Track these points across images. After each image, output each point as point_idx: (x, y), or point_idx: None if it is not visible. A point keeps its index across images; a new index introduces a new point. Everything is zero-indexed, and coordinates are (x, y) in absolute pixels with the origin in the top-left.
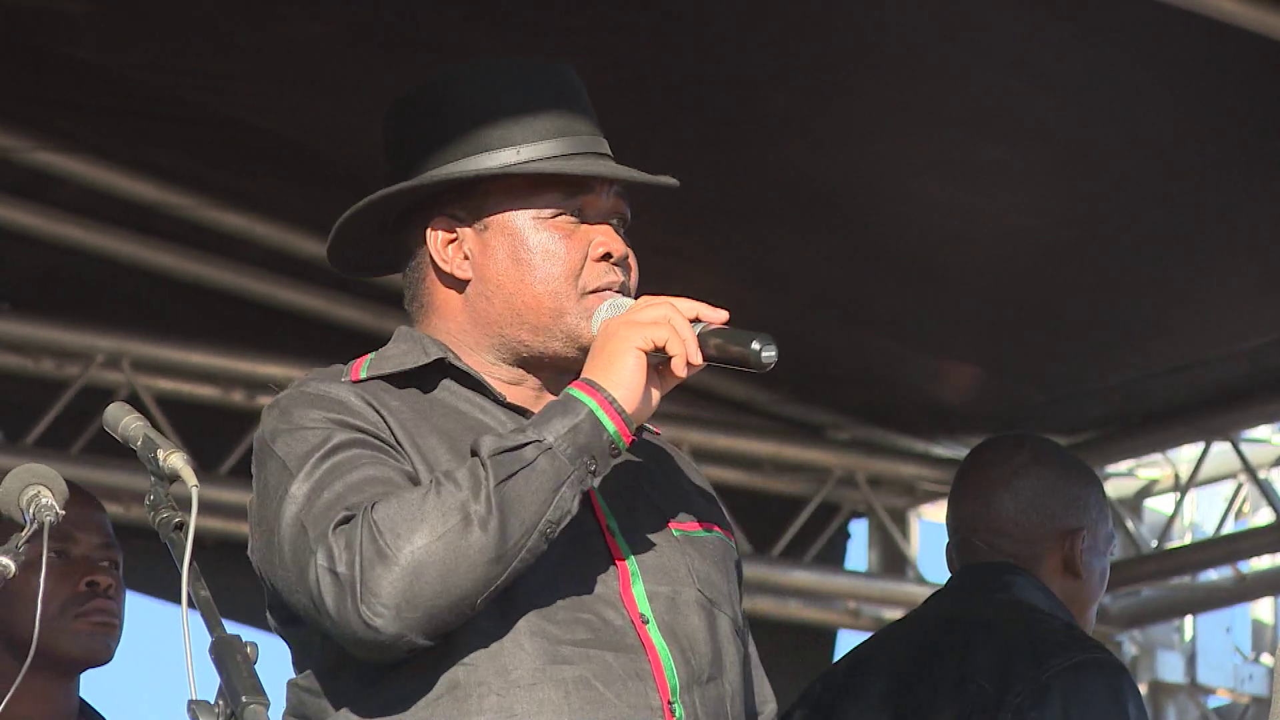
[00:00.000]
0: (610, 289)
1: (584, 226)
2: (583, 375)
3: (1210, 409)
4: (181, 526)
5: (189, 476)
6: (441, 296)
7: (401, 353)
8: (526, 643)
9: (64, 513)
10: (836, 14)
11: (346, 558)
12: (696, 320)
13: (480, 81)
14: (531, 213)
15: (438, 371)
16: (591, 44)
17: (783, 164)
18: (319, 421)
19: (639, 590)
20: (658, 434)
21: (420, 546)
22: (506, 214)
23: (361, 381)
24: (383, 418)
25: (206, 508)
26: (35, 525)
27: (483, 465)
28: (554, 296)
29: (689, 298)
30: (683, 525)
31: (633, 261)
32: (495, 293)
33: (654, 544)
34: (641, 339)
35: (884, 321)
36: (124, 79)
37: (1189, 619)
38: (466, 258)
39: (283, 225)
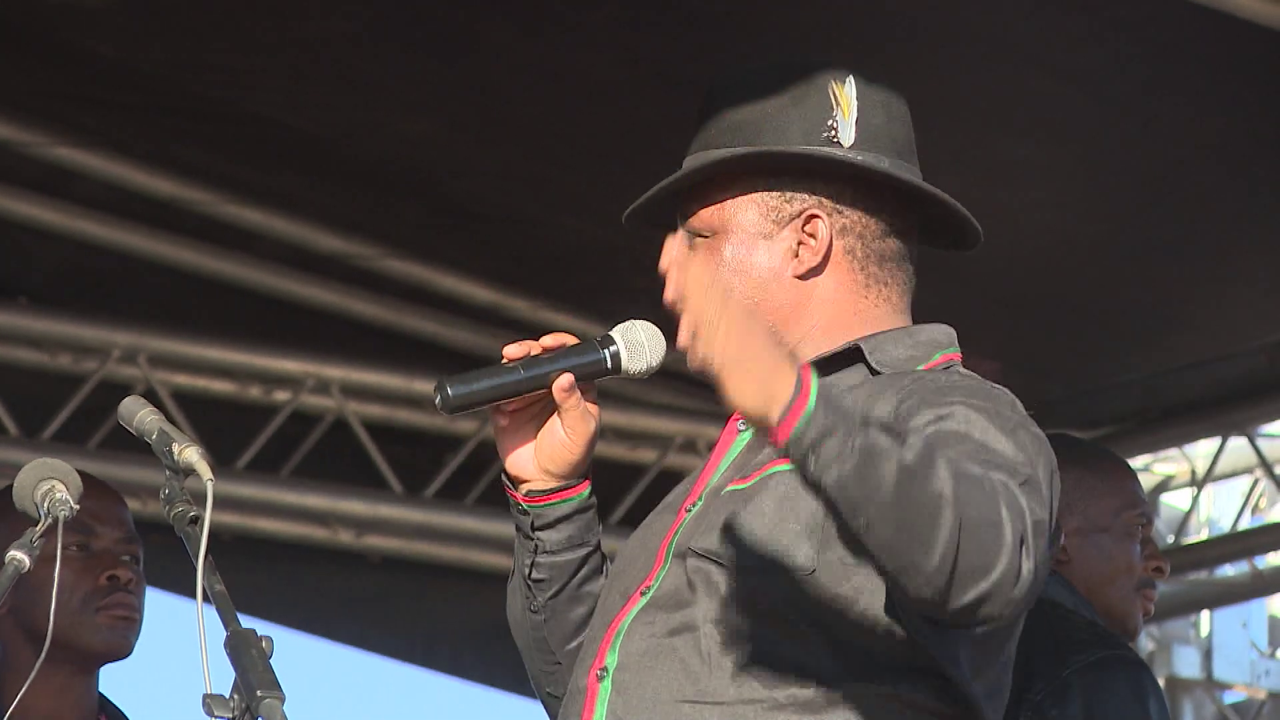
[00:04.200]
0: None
1: None
2: None
3: (1228, 404)
4: (197, 521)
5: (204, 471)
6: None
7: None
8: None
9: (78, 507)
10: (854, 10)
11: None
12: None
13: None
14: None
15: None
16: (612, 40)
17: None
18: None
19: (667, 555)
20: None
21: None
22: None
23: None
24: None
25: (222, 502)
26: (50, 520)
27: None
28: None
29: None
30: (749, 478)
31: (674, 270)
32: None
33: (703, 506)
34: None
35: None
36: (144, 74)
37: (1205, 614)
38: None
39: (302, 221)
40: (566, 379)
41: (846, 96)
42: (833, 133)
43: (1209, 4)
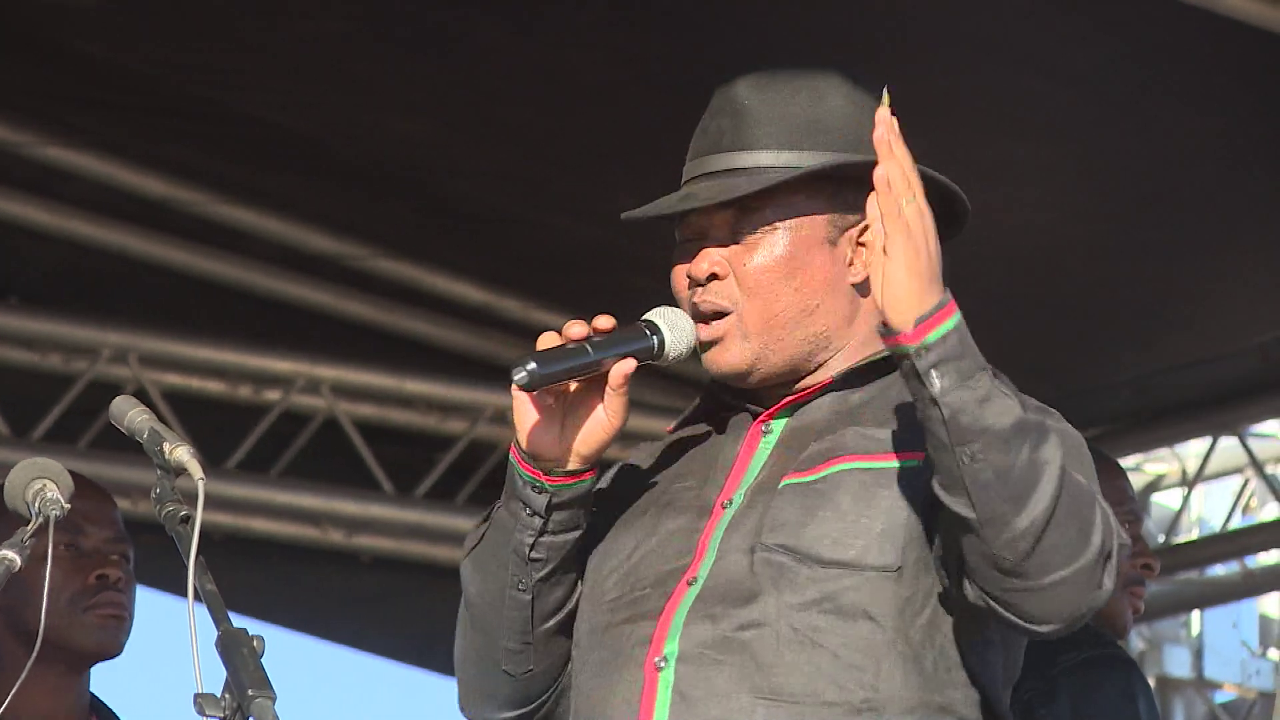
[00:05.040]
0: (698, 309)
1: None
2: None
3: (1218, 404)
4: (188, 520)
5: (195, 470)
6: None
7: None
8: (585, 639)
9: (69, 506)
10: (847, 10)
11: None
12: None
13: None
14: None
15: None
16: (601, 40)
17: None
18: None
19: (711, 548)
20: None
21: None
22: None
23: None
24: None
25: (213, 502)
26: (40, 519)
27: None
28: None
29: None
30: (809, 471)
31: (724, 270)
32: None
33: (749, 501)
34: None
35: None
36: (135, 74)
37: (1196, 614)
38: None
39: (292, 220)
40: (630, 364)
41: (886, 108)
42: None
43: (1205, 5)
